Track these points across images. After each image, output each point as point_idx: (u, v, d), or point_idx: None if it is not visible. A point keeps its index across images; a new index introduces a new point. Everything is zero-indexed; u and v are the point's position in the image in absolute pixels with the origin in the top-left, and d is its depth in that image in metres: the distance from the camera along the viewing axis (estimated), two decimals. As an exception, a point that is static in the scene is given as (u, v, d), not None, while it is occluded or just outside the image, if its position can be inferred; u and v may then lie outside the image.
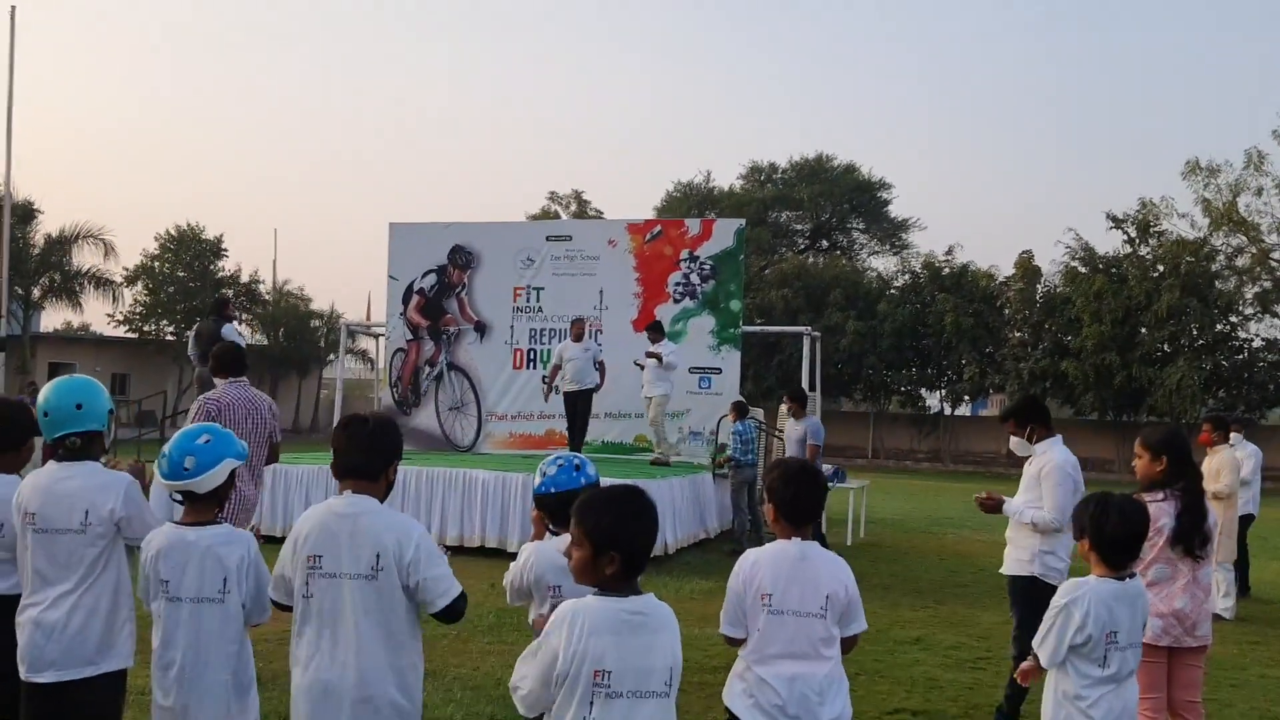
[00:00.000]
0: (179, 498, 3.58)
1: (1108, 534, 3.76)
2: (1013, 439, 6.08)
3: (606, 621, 2.67)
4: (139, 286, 39.03)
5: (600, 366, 14.12)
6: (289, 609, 3.35)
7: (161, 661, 3.51)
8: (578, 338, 13.78)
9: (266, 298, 42.70)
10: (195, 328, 13.95)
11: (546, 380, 14.20)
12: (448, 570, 3.33)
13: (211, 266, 39.78)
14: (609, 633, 2.66)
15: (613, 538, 2.72)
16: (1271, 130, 34.28)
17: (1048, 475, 5.79)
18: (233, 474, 3.62)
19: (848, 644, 3.75)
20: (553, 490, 3.84)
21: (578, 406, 13.59)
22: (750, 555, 3.79)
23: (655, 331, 13.82)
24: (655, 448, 13.89)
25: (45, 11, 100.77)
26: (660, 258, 15.80)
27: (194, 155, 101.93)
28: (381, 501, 3.37)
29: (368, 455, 3.35)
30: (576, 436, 13.54)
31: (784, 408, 13.25)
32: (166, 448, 3.56)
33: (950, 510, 20.58)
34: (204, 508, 3.58)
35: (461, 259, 16.62)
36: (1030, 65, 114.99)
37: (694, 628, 7.69)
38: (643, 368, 13.90)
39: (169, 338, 38.44)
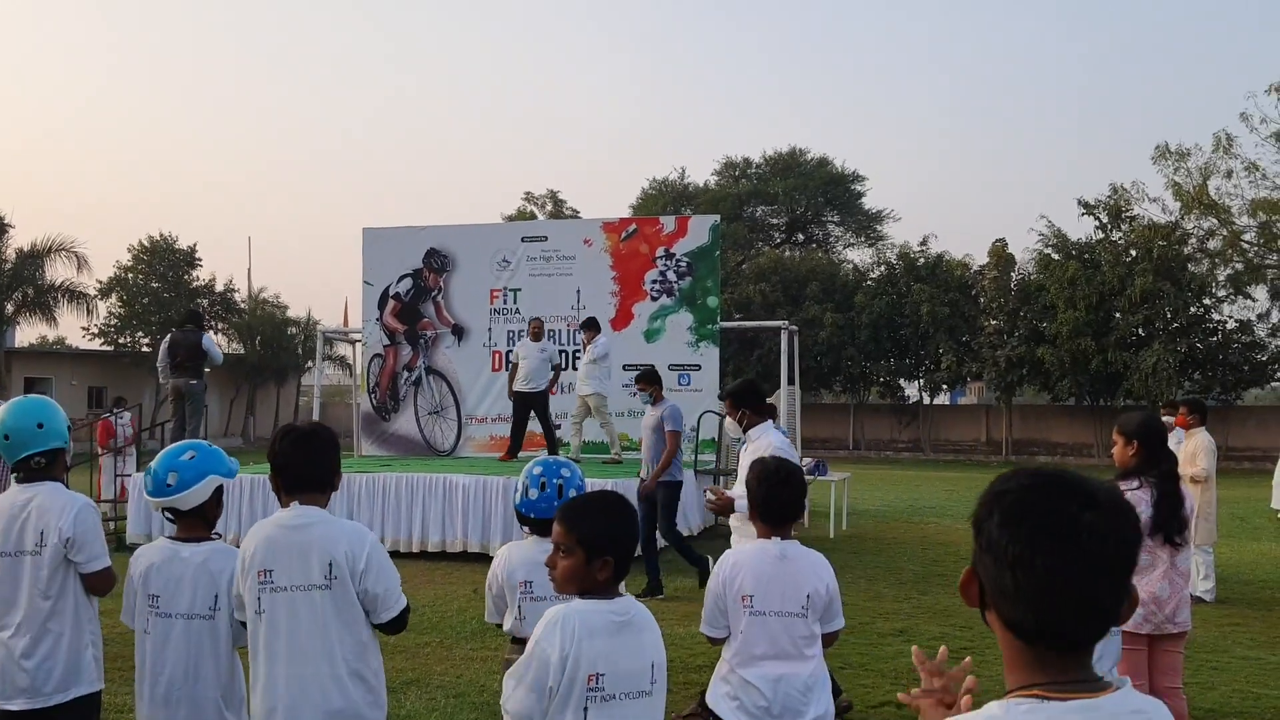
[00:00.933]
0: (169, 515, 3.55)
1: None
2: (727, 420, 6.06)
3: (599, 625, 2.66)
4: (113, 298, 38.73)
5: (556, 370, 13.97)
6: None
7: (149, 679, 3.46)
8: (535, 337, 13.79)
9: (242, 306, 42.44)
10: (168, 338, 13.82)
11: (509, 382, 14.20)
12: (398, 582, 3.32)
13: (185, 276, 39.55)
14: (602, 635, 2.65)
15: (609, 542, 2.73)
16: (1239, 112, 34.61)
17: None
18: (220, 492, 3.57)
19: (827, 640, 3.75)
20: (531, 516, 3.89)
21: (531, 408, 13.58)
22: (729, 556, 3.78)
23: (589, 328, 13.68)
24: (614, 447, 13.80)
25: (10, 23, 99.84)
26: (636, 256, 15.76)
27: (165, 164, 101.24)
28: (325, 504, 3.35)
29: (318, 466, 3.32)
30: (549, 438, 13.68)
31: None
32: (152, 464, 3.53)
33: (931, 499, 20.64)
34: (193, 523, 3.54)
35: (437, 262, 16.52)
36: (999, 54, 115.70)
37: (676, 626, 7.67)
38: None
39: (145, 349, 38.14)
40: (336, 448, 3.38)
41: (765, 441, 5.72)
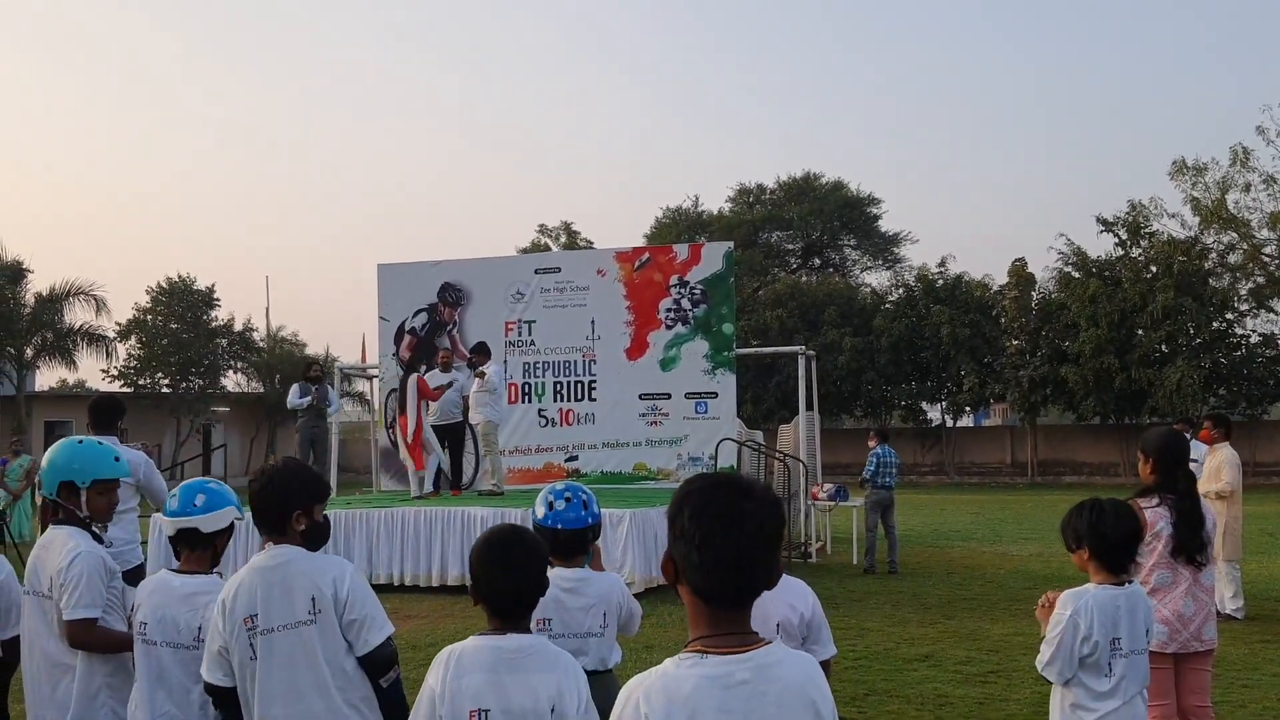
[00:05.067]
0: (177, 549, 3.60)
1: (1108, 538, 3.72)
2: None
3: (482, 660, 2.67)
4: (132, 340, 39.02)
5: (466, 400, 13.73)
6: (229, 693, 3.22)
7: (137, 703, 3.51)
8: (445, 368, 13.80)
9: (261, 345, 42.70)
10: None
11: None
12: (381, 611, 3.31)
13: (204, 317, 39.77)
14: (484, 670, 2.65)
15: (476, 581, 2.81)
16: (1255, 126, 34.46)
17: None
18: (232, 528, 3.62)
19: None
20: (559, 526, 3.80)
21: (446, 441, 13.60)
22: None
23: (479, 353, 13.68)
24: (491, 478, 13.69)
25: (25, 65, 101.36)
26: (650, 285, 15.82)
27: (182, 205, 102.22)
28: (314, 548, 3.34)
29: (267, 507, 3.32)
30: (455, 473, 13.76)
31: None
32: (176, 490, 3.62)
33: (956, 523, 20.51)
34: (200, 557, 3.58)
35: (451, 296, 16.63)
36: (1012, 72, 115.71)
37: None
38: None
39: (164, 390, 38.40)
40: (290, 486, 3.31)
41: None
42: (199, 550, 3.58)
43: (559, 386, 15.96)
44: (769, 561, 1.94)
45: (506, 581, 2.80)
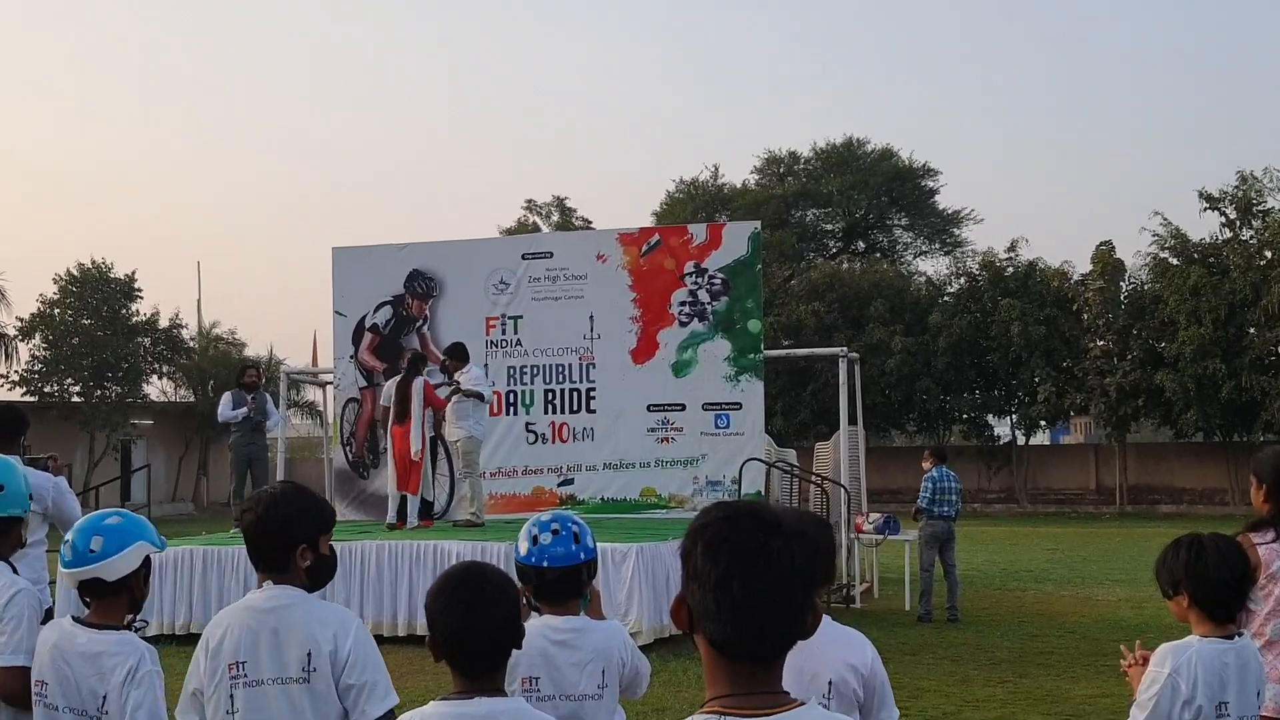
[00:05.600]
0: (87, 599, 3.58)
1: (1212, 580, 3.71)
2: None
3: None
4: (36, 339, 39.13)
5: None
6: None
7: None
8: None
9: (191, 345, 42.83)
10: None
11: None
12: (386, 676, 3.35)
13: (123, 311, 39.88)
14: None
15: (433, 631, 2.87)
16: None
17: None
18: (147, 565, 3.61)
19: None
20: (545, 564, 3.78)
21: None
22: None
23: (455, 357, 13.77)
24: (469, 506, 13.79)
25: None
26: (661, 273, 15.84)
27: (97, 177, 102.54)
28: (314, 588, 3.40)
29: (267, 543, 3.39)
30: (424, 501, 13.99)
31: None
32: (69, 534, 3.57)
33: (1029, 561, 20.50)
34: (113, 606, 3.55)
35: (421, 286, 16.67)
36: (1095, 15, 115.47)
37: None
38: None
39: (75, 399, 38.49)
40: (296, 514, 3.41)
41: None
42: (109, 599, 3.55)
43: (550, 395, 15.98)
44: (803, 607, 1.93)
45: (466, 631, 2.83)
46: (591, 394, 15.81)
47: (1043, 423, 38.28)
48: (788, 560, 1.90)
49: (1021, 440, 38.85)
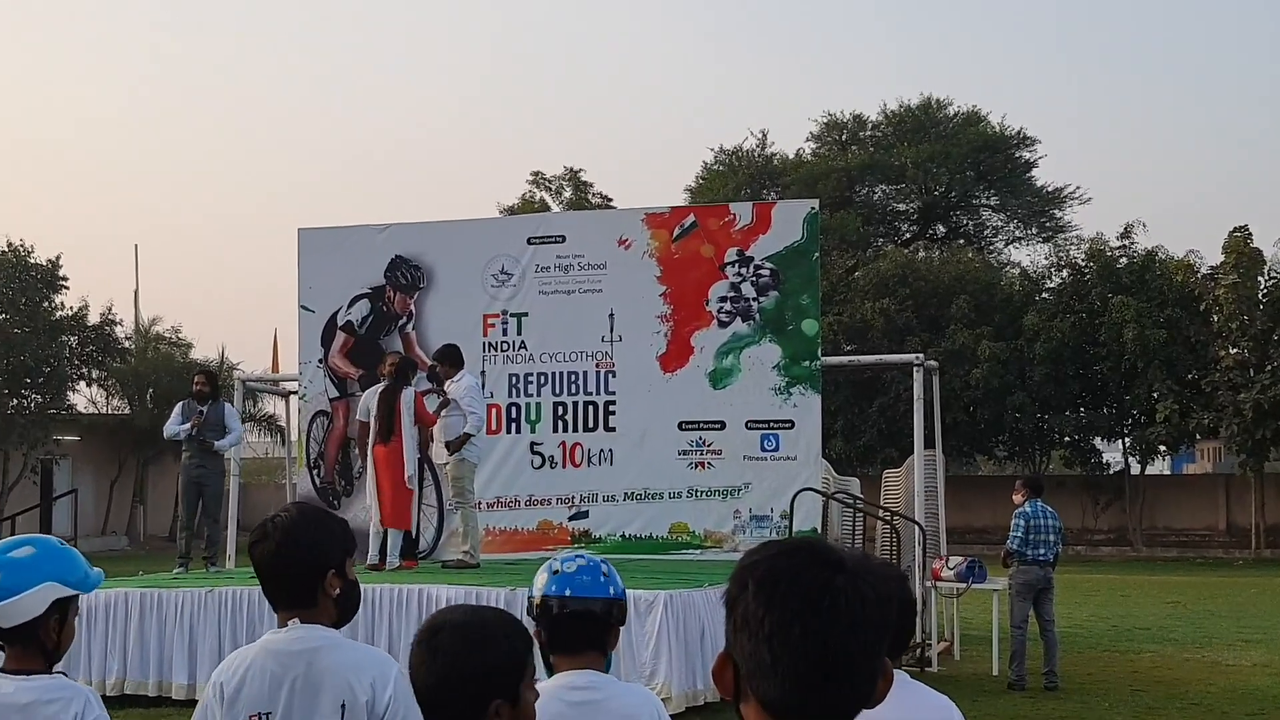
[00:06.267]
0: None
1: None
2: None
3: None
4: (-60, 337, 39.33)
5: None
6: None
7: None
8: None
9: (127, 345, 43.01)
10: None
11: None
12: None
13: (45, 304, 40.05)
14: None
15: (413, 678, 3.02)
16: None
17: None
18: (65, 609, 3.62)
19: None
20: (566, 592, 3.70)
21: None
22: None
23: (447, 362, 13.87)
24: (461, 543, 13.89)
25: None
26: (696, 261, 15.83)
27: (13, 146, 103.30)
28: (343, 620, 3.50)
29: (291, 575, 3.46)
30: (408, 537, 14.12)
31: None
32: None
33: (1145, 616, 20.40)
34: (27, 654, 3.58)
35: (406, 276, 16.71)
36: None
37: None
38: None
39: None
40: (318, 538, 3.50)
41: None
42: (17, 646, 3.58)
43: (561, 409, 15.98)
44: (873, 662, 1.92)
45: (433, 681, 2.93)
46: (611, 408, 15.81)
47: (1162, 448, 38.10)
48: (856, 602, 1.89)
49: (1136, 469, 38.67)
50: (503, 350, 16.29)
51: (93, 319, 41.46)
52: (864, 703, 1.94)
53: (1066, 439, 38.30)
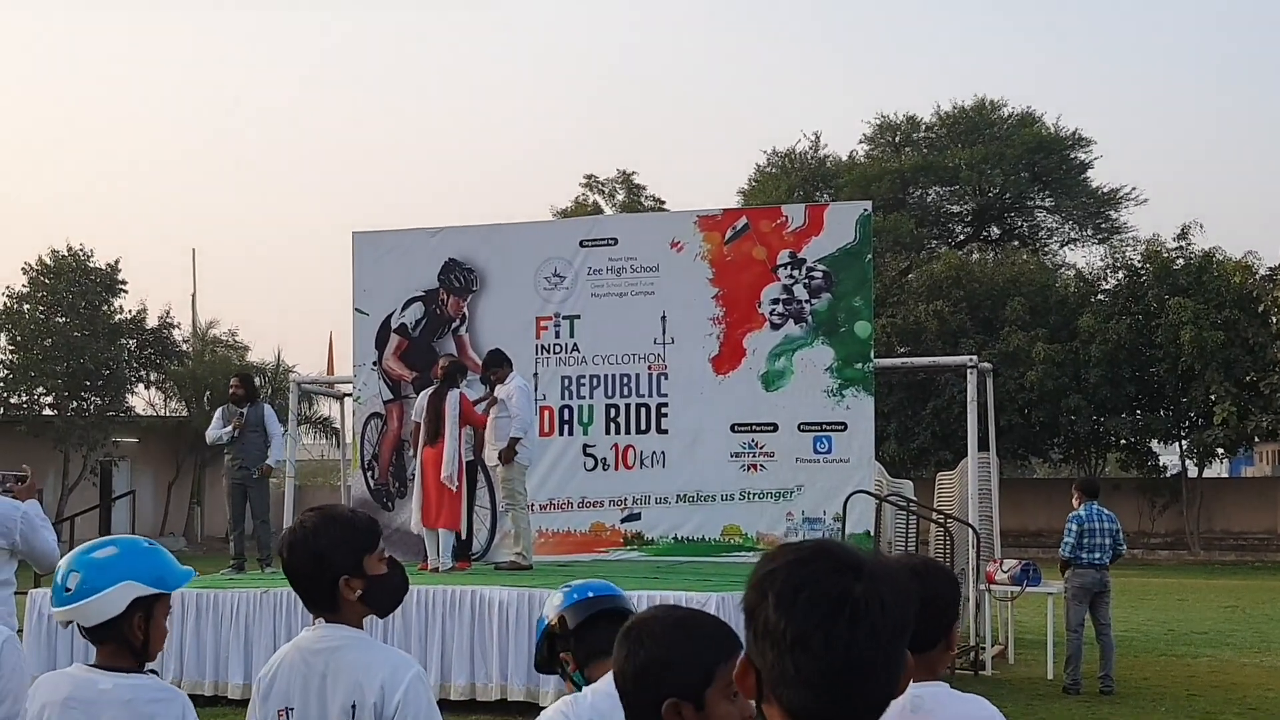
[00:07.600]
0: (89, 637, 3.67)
1: None
2: None
3: None
4: (2, 341, 39.72)
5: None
6: None
7: None
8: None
9: (184, 348, 43.38)
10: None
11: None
12: None
13: (104, 307, 40.40)
14: None
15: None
16: None
17: None
18: (148, 608, 3.64)
19: None
20: (590, 594, 3.83)
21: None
22: None
23: (495, 365, 13.87)
24: (513, 545, 13.91)
25: None
26: (749, 264, 15.82)
27: (71, 149, 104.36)
28: (385, 611, 3.69)
29: (302, 581, 3.55)
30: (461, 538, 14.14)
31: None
32: (62, 561, 3.71)
33: (1203, 621, 20.28)
34: (115, 651, 3.62)
35: (459, 280, 16.77)
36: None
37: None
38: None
39: (46, 413, 39.02)
40: (333, 540, 3.53)
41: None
42: (105, 644, 3.62)
43: (613, 412, 16.01)
44: (895, 663, 1.96)
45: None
46: (663, 410, 15.82)
47: (1220, 451, 37.78)
48: (876, 608, 1.92)
49: (1193, 472, 38.39)
50: (555, 353, 16.33)
51: (151, 322, 41.88)
52: (888, 700, 1.97)
53: (1122, 441, 38.08)
